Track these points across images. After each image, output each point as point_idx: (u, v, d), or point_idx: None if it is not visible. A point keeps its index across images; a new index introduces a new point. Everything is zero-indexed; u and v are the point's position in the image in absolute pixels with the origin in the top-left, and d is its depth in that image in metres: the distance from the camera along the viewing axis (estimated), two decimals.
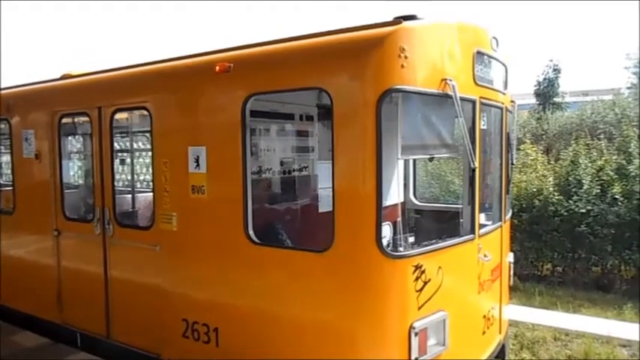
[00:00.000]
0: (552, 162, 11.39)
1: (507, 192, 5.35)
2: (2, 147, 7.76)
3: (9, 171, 6.84)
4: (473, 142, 4.10)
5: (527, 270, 10.39)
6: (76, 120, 6.68)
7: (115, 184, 5.60)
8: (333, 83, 3.76)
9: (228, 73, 4.29)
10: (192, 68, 4.75)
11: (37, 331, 6.39)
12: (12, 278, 6.71)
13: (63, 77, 6.35)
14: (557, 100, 20.97)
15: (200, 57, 4.72)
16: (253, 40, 4.45)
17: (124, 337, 5.39)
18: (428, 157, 4.36)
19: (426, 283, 3.77)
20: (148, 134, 6.40)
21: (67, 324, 6.01)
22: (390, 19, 3.72)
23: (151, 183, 5.29)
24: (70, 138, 7.44)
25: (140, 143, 8.23)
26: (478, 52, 4.24)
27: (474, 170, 4.16)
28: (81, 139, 7.61)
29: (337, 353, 3.85)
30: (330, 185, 3.78)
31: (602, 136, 11.70)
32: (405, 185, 6.40)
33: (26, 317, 6.52)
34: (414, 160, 6.52)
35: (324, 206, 4.25)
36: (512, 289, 6.48)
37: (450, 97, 3.71)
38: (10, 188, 6.77)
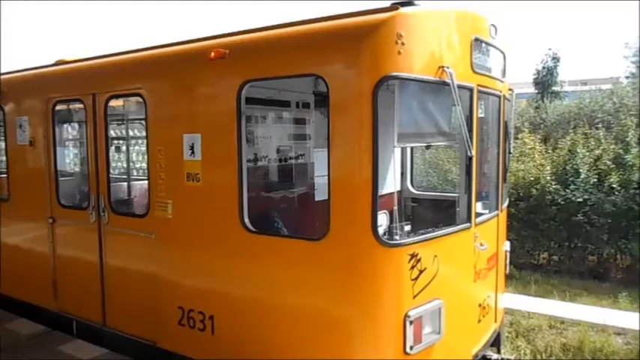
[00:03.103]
0: (550, 151, 11.39)
1: (504, 181, 5.33)
2: None
3: (3, 158, 6.79)
4: (470, 131, 4.07)
5: (524, 259, 10.42)
6: (70, 107, 6.63)
7: (110, 171, 5.57)
8: (329, 70, 3.72)
9: (223, 59, 4.24)
10: (187, 54, 4.69)
11: (34, 319, 6.38)
12: (7, 266, 6.70)
13: (57, 63, 6.28)
14: (555, 89, 20.98)
15: (195, 43, 4.66)
16: (249, 26, 4.39)
17: (119, 325, 5.38)
18: (425, 145, 4.33)
19: (421, 271, 3.76)
20: (142, 121, 6.35)
21: (63, 311, 6.01)
22: (387, 5, 3.67)
23: (146, 170, 5.26)
24: (64, 125, 7.39)
25: (135, 130, 8.18)
26: (476, 40, 4.19)
27: (470, 159, 4.14)
28: (76, 125, 7.55)
29: (332, 341, 3.85)
30: (327, 173, 3.75)
31: (600, 126, 11.69)
32: (402, 173, 6.38)
33: (22, 305, 6.51)
34: (411, 148, 6.49)
35: (320, 194, 4.23)
36: (509, 277, 6.50)
37: (448, 84, 3.68)
38: (5, 175, 6.72)
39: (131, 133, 8.08)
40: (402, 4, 3.62)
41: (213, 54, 4.26)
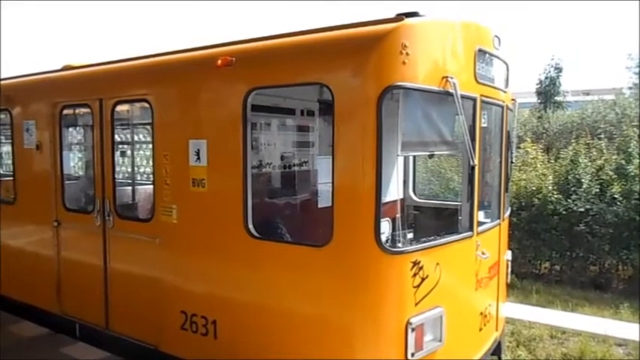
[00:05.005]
0: (552, 161, 11.40)
1: (506, 190, 5.36)
2: (3, 137, 7.77)
3: (10, 161, 6.85)
4: (473, 140, 4.11)
5: (525, 268, 10.42)
6: (77, 111, 6.69)
7: (116, 176, 5.62)
8: (334, 79, 3.77)
9: (230, 66, 4.30)
10: (194, 61, 4.76)
11: (36, 322, 6.41)
12: (12, 268, 6.74)
13: (64, 68, 6.35)
14: (558, 99, 20.98)
15: (202, 50, 4.72)
16: (256, 34, 4.45)
17: (122, 329, 5.41)
18: (428, 154, 4.37)
19: (423, 279, 3.79)
20: (148, 127, 6.41)
21: (66, 314, 6.04)
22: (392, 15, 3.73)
23: (151, 175, 5.30)
24: (71, 129, 7.45)
25: (141, 135, 8.24)
26: (480, 50, 4.25)
27: (473, 168, 4.17)
28: (82, 130, 7.61)
29: (334, 347, 3.87)
30: (330, 180, 3.79)
31: (602, 136, 11.72)
32: (405, 182, 6.42)
33: (25, 307, 6.54)
34: (414, 157, 6.53)
35: (324, 201, 4.27)
36: (510, 286, 6.50)
37: (451, 94, 3.72)
38: (11, 178, 6.78)
39: (136, 138, 8.13)
40: (407, 15, 3.68)
41: (220, 61, 4.32)
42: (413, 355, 3.72)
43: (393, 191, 4.45)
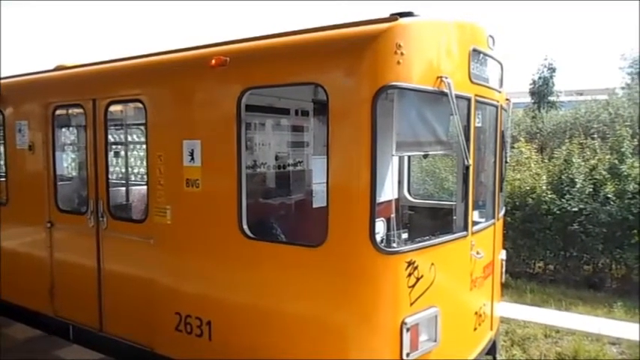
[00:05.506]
0: (546, 160, 11.45)
1: (501, 190, 5.38)
2: None
3: (2, 162, 6.80)
4: (467, 140, 4.11)
5: (519, 267, 10.46)
6: (70, 112, 6.65)
7: (109, 176, 5.59)
8: (329, 79, 3.77)
9: (224, 66, 4.28)
10: (188, 61, 4.74)
11: (30, 324, 6.37)
12: (4, 270, 6.69)
13: (57, 68, 6.31)
14: (551, 99, 21.11)
15: (196, 50, 4.71)
16: (250, 34, 4.44)
17: (116, 330, 5.38)
18: (422, 153, 4.37)
19: (418, 279, 3.79)
20: (142, 127, 6.38)
21: (60, 316, 6.00)
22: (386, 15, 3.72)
23: (145, 176, 5.28)
24: (64, 130, 7.41)
25: (135, 136, 8.21)
26: (474, 50, 4.25)
27: (467, 167, 4.18)
28: (75, 130, 7.57)
29: (329, 348, 3.87)
30: (325, 180, 3.79)
31: (595, 136, 11.79)
32: (400, 182, 6.42)
33: (19, 309, 6.50)
34: (409, 157, 6.53)
35: (319, 201, 4.26)
36: (504, 286, 6.51)
37: (446, 94, 3.72)
38: (3, 179, 6.73)
39: (130, 139, 8.09)
40: (402, 15, 3.68)
41: (214, 61, 4.30)
42: (408, 355, 3.72)
43: (388, 191, 4.45)
